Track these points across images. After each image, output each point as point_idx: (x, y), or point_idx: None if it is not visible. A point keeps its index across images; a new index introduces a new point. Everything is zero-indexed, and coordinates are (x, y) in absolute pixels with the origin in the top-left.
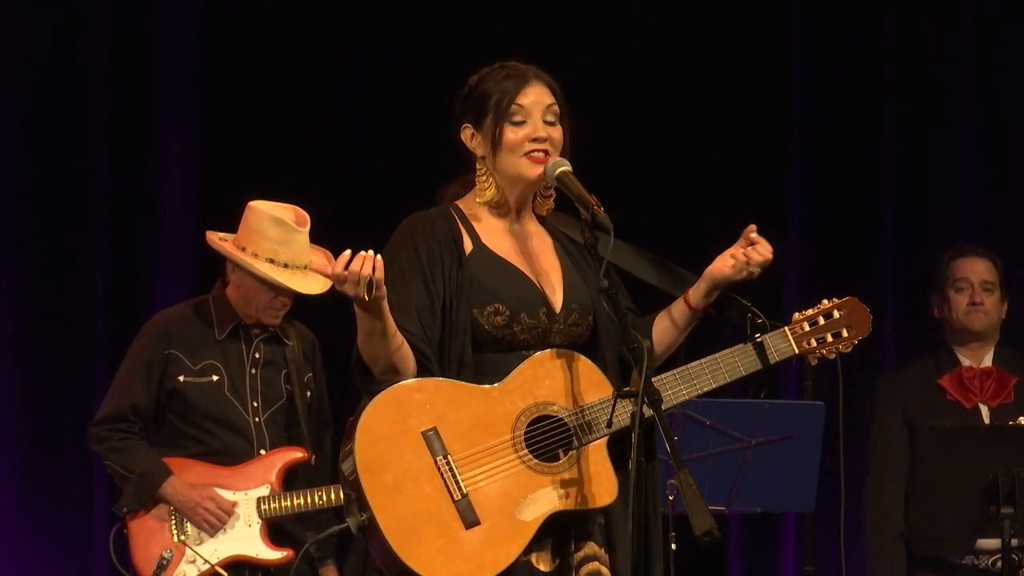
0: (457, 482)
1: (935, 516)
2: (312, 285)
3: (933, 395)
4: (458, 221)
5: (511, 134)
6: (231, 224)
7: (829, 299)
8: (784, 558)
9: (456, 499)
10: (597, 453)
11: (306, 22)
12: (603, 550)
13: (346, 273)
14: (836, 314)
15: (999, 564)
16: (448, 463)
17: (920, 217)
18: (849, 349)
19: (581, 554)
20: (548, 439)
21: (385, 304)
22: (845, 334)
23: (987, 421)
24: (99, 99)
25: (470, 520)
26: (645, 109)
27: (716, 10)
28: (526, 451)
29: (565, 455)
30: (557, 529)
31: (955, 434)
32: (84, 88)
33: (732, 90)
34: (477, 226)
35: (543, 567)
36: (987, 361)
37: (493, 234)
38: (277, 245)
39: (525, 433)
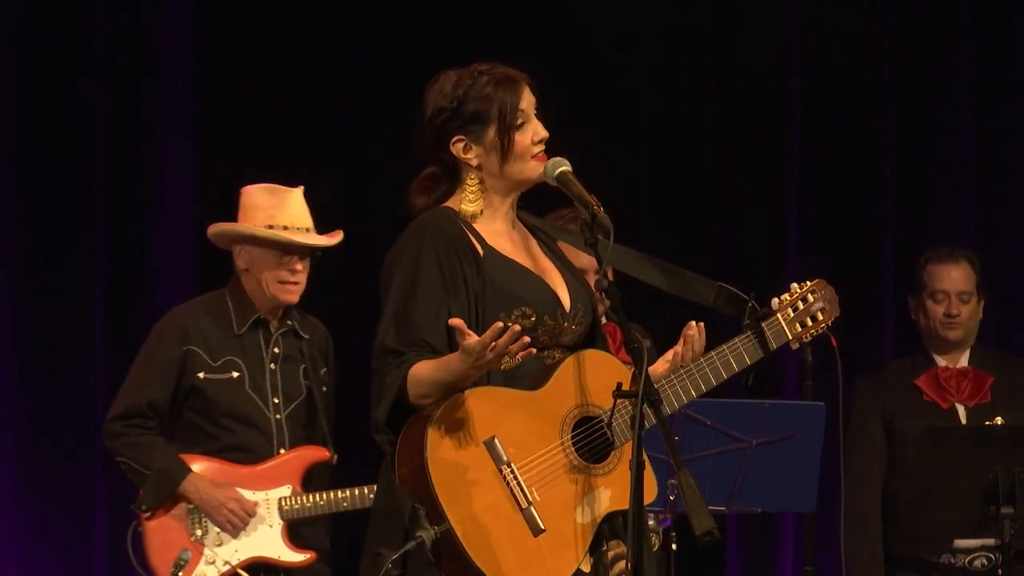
0: (523, 490)
1: (927, 516)
2: (317, 240)
3: (911, 396)
4: (462, 225)
5: (522, 139)
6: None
7: (799, 284)
8: (784, 558)
9: (523, 507)
10: None
11: (305, 21)
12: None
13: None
14: (810, 297)
15: (976, 563)
16: (512, 472)
17: (920, 217)
18: (823, 331)
19: (612, 553)
20: (593, 440)
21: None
22: (820, 316)
23: (964, 421)
24: (99, 99)
25: (537, 528)
26: (644, 108)
27: (716, 10)
28: (575, 454)
29: (610, 455)
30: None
31: (949, 434)
32: (84, 88)
33: (732, 90)
34: (480, 229)
35: (584, 567)
36: (963, 361)
37: (496, 237)
38: (272, 211)
39: (572, 436)
